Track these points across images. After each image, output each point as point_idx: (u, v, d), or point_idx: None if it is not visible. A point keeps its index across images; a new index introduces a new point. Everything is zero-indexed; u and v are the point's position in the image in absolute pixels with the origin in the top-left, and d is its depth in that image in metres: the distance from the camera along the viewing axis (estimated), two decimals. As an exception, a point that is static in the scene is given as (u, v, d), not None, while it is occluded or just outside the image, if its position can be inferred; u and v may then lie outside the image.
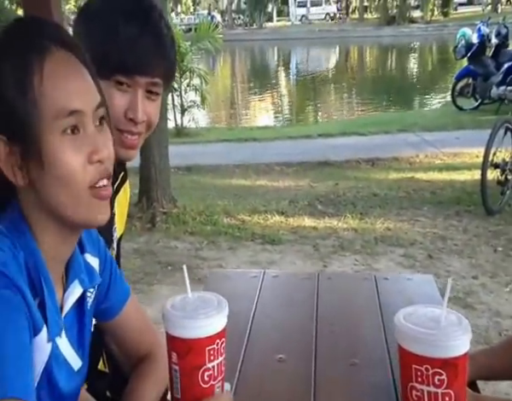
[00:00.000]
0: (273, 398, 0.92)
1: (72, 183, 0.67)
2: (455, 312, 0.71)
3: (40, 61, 0.66)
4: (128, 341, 0.91)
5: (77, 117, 0.67)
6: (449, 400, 0.68)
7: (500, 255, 3.43)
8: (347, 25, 29.57)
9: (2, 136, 0.67)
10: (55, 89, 0.66)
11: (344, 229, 4.03)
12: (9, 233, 0.69)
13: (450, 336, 0.68)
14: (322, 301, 1.18)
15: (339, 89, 13.15)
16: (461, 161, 5.59)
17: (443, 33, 21.60)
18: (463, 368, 0.69)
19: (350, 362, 0.99)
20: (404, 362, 0.71)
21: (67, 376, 0.75)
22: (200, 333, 0.73)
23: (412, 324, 0.70)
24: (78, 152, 0.67)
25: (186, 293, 0.78)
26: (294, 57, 22.42)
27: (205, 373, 0.74)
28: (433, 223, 4.06)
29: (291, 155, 6.07)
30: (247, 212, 4.42)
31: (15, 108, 0.66)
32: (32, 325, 0.67)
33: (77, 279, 0.77)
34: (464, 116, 7.64)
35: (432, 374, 0.68)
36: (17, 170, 0.68)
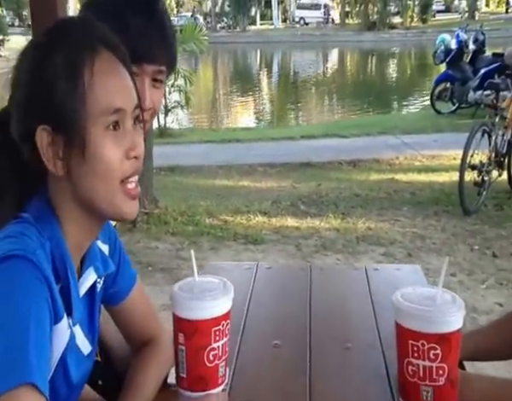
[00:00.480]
0: (270, 380, 0.94)
1: (108, 176, 0.71)
2: (449, 292, 0.75)
3: (91, 60, 0.70)
4: (133, 325, 0.93)
5: (119, 115, 0.71)
6: (443, 373, 0.72)
7: (476, 253, 3.53)
8: (329, 29, 29.89)
9: (46, 126, 0.70)
10: (102, 86, 0.70)
11: (326, 229, 4.09)
12: (36, 222, 0.72)
13: (445, 313, 0.72)
14: (315, 291, 1.22)
15: (321, 92, 13.29)
16: (439, 163, 5.72)
17: (421, 39, 22.02)
18: (456, 343, 0.73)
19: (343, 346, 1.02)
20: (402, 338, 0.74)
21: (77, 361, 0.78)
22: (206, 314, 0.76)
23: (409, 302, 0.74)
24: (118, 147, 0.71)
25: (193, 277, 0.80)
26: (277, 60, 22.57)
27: (210, 353, 0.77)
28: (413, 222, 4.15)
29: (274, 156, 6.11)
30: (229, 213, 4.44)
31: (65, 101, 0.69)
32: (53, 314, 0.69)
33: (92, 266, 0.80)
34: (442, 119, 7.81)
35: (427, 349, 0.72)
36: (57, 160, 0.70)
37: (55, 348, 0.72)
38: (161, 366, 0.91)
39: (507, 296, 2.90)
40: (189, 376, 0.78)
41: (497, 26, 19.31)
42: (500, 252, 3.51)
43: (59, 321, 0.71)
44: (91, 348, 0.81)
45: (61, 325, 0.71)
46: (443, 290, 0.75)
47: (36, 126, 0.70)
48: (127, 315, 0.92)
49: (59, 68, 0.69)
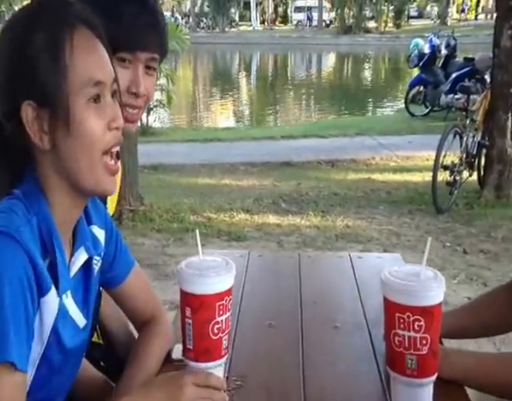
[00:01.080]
0: (266, 357, 1.02)
1: (91, 147, 0.74)
2: (432, 269, 0.84)
3: (70, 35, 0.73)
4: (133, 306, 0.99)
5: (100, 87, 0.75)
6: (426, 343, 0.81)
7: (448, 250, 3.68)
8: (307, 32, 30.18)
9: (31, 101, 0.73)
10: (83, 61, 0.73)
11: (306, 227, 4.19)
12: (25, 198, 0.75)
13: (428, 288, 0.80)
14: (305, 276, 1.30)
15: (299, 93, 13.44)
16: (413, 164, 5.89)
17: (395, 44, 22.45)
18: (438, 315, 0.81)
19: (332, 325, 1.10)
20: (389, 312, 0.82)
21: (72, 332, 0.82)
22: (211, 289, 0.82)
23: (396, 279, 0.82)
24: (100, 119, 0.75)
25: (198, 256, 0.87)
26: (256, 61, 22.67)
27: (214, 326, 0.83)
28: (389, 220, 4.28)
29: (255, 156, 6.19)
30: (212, 210, 4.50)
31: (47, 76, 0.72)
32: (39, 287, 0.72)
33: (83, 246, 0.84)
34: (416, 122, 8.04)
35: (412, 320, 0.80)
36: (43, 133, 0.73)
37: (46, 319, 0.75)
38: (163, 342, 0.97)
39: (476, 290, 3.03)
40: (196, 348, 0.84)
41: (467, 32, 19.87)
42: (470, 249, 3.66)
43: (46, 293, 0.74)
44: (86, 321, 0.85)
45: (48, 297, 0.74)
46: (426, 267, 0.83)
47: (20, 102, 0.72)
48: (127, 297, 0.98)
49: (40, 45, 0.72)
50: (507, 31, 4.30)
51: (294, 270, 1.33)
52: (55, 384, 0.83)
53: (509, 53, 4.31)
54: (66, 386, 0.87)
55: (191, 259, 0.87)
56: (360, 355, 1.01)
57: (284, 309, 1.17)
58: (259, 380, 0.94)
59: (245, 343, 1.03)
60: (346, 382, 0.94)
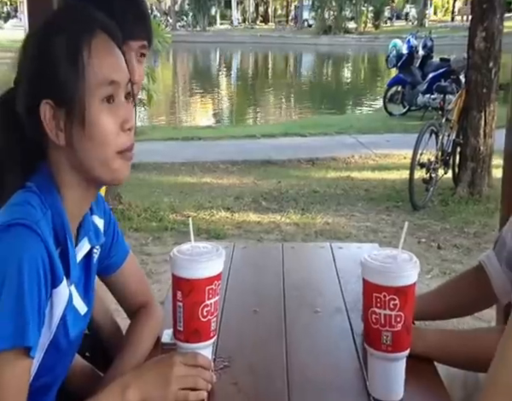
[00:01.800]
0: (251, 340, 1.07)
1: (105, 145, 0.79)
2: (407, 252, 0.90)
3: (88, 40, 0.78)
4: (127, 292, 1.03)
5: (114, 87, 0.79)
6: (400, 321, 0.87)
7: (423, 246, 3.78)
8: (287, 32, 30.31)
9: (49, 100, 0.77)
10: (99, 62, 0.78)
11: (287, 224, 4.25)
12: (39, 191, 0.79)
13: (402, 269, 0.86)
14: (287, 265, 1.35)
15: (280, 92, 13.50)
16: (391, 162, 6.00)
17: (374, 44, 22.72)
18: (412, 295, 0.88)
19: (313, 311, 1.16)
20: (367, 291, 0.88)
21: (74, 320, 0.86)
22: (201, 274, 0.87)
23: (375, 261, 0.88)
24: (114, 119, 0.79)
25: (190, 243, 0.91)
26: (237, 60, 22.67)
27: (204, 309, 0.88)
28: (367, 217, 4.38)
29: (235, 154, 6.22)
30: (192, 209, 4.53)
31: (66, 78, 0.77)
32: (53, 278, 0.76)
33: (86, 236, 0.88)
34: (394, 121, 8.18)
35: (388, 299, 0.86)
36: (59, 131, 0.78)
37: (57, 309, 0.80)
38: (154, 327, 1.02)
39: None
40: (186, 330, 0.89)
41: (444, 33, 20.23)
42: (444, 244, 3.77)
43: (59, 284, 0.78)
44: (87, 309, 0.89)
45: (60, 288, 0.79)
46: (402, 251, 0.89)
47: (40, 101, 0.77)
48: (121, 283, 1.02)
49: (61, 49, 0.77)
50: (481, 33, 4.44)
51: (278, 260, 1.38)
52: (58, 370, 0.87)
53: (483, 54, 4.44)
54: (64, 372, 0.91)
55: (183, 246, 0.91)
56: (339, 336, 1.07)
57: (268, 296, 1.22)
58: (245, 360, 0.99)
59: (231, 328, 1.08)
60: (326, 360, 1.00)
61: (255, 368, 0.96)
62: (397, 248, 0.89)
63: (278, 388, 0.91)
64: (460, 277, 1.23)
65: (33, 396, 0.79)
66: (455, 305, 1.17)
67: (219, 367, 0.95)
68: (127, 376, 0.85)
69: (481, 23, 4.43)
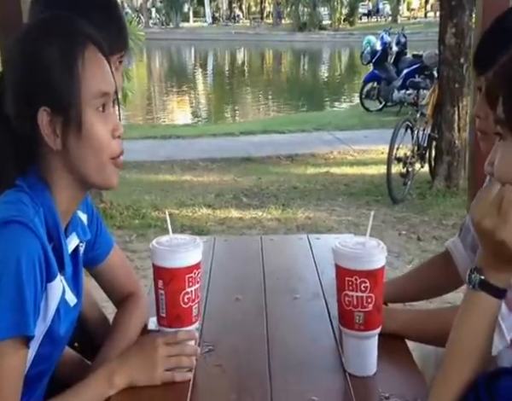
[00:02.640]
0: (234, 325, 1.12)
1: (100, 151, 0.84)
2: (375, 239, 0.97)
3: (82, 52, 0.83)
4: (114, 283, 1.08)
5: (105, 98, 0.85)
6: (371, 301, 0.93)
7: (403, 238, 3.90)
8: (262, 29, 30.34)
9: (46, 107, 0.82)
10: (93, 74, 0.84)
11: (268, 220, 4.32)
12: (30, 190, 0.84)
13: (371, 254, 0.93)
14: (267, 255, 1.42)
15: (257, 89, 13.56)
16: (369, 157, 6.13)
17: (349, 41, 22.94)
18: (381, 277, 0.94)
19: (293, 297, 1.23)
20: (340, 276, 0.95)
21: (65, 312, 0.91)
22: (181, 263, 0.93)
23: (346, 248, 0.95)
24: (106, 127, 0.85)
25: (168, 235, 0.96)
26: (212, 58, 22.62)
27: (185, 296, 0.93)
28: (347, 211, 4.47)
29: (215, 152, 6.27)
30: (174, 206, 4.55)
31: (63, 87, 0.82)
32: (48, 272, 0.81)
33: (75, 232, 0.93)
34: (371, 117, 8.32)
35: (359, 282, 0.92)
36: (55, 136, 0.83)
37: (52, 302, 0.84)
38: (140, 315, 1.07)
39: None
40: (168, 316, 0.94)
41: (417, 29, 20.49)
42: (423, 236, 3.89)
43: (53, 278, 0.83)
44: (76, 300, 0.94)
45: (55, 282, 0.84)
46: (370, 238, 0.96)
47: (37, 108, 0.81)
48: (107, 274, 1.07)
49: (54, 59, 0.82)
50: (451, 29, 4.56)
51: (258, 251, 1.44)
52: (52, 359, 0.92)
53: (454, 50, 4.57)
54: (56, 361, 0.95)
55: (162, 238, 0.97)
56: (317, 318, 1.14)
57: (249, 285, 1.29)
58: (229, 344, 1.04)
59: (215, 315, 1.14)
60: (304, 341, 1.06)
61: (238, 350, 1.02)
62: (365, 236, 0.96)
63: (260, 368, 0.97)
64: (429, 263, 1.31)
65: (28, 383, 0.84)
66: (425, 288, 1.25)
67: (204, 350, 1.01)
68: (113, 362, 0.90)
69: (451, 19, 4.55)
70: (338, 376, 0.95)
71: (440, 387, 0.72)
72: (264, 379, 0.94)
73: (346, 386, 0.93)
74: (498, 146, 0.70)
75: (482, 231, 0.70)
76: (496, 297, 0.72)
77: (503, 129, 0.69)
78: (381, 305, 0.96)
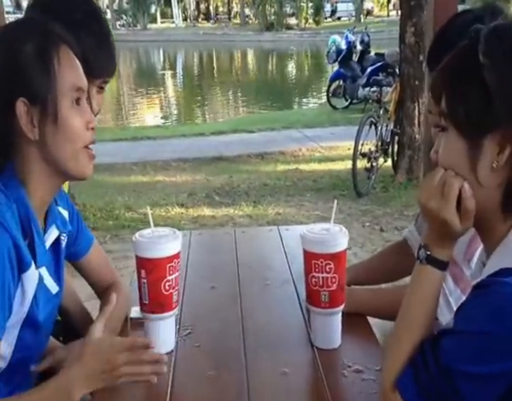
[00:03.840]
0: (210, 311, 1.21)
1: (74, 140, 0.91)
2: (338, 225, 1.07)
3: (57, 51, 0.90)
4: (96, 275, 1.16)
5: (79, 92, 0.92)
6: (335, 281, 1.03)
7: (367, 229, 4.04)
8: (230, 29, 30.36)
9: (24, 98, 0.88)
10: (67, 71, 0.91)
11: (240, 216, 4.40)
12: (5, 187, 0.89)
13: (336, 238, 1.03)
14: (240, 246, 1.51)
15: (225, 90, 13.61)
16: (336, 153, 6.27)
17: (316, 40, 23.20)
18: (344, 259, 1.05)
19: (264, 283, 1.32)
20: (307, 260, 1.04)
21: (46, 299, 0.97)
22: (162, 253, 1.01)
23: (312, 233, 1.04)
24: (80, 118, 0.92)
25: (150, 228, 1.04)
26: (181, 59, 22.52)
27: (166, 283, 1.01)
28: (316, 206, 4.58)
29: (186, 152, 6.31)
30: (148, 206, 4.58)
31: (39, 81, 0.88)
32: (20, 264, 0.86)
33: (54, 224, 1.00)
34: (337, 114, 8.50)
35: (324, 264, 1.02)
36: (32, 126, 0.89)
37: (28, 290, 0.89)
38: (123, 303, 1.14)
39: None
40: (151, 302, 1.02)
41: (380, 28, 20.89)
42: (386, 227, 4.04)
43: (27, 268, 0.88)
44: (58, 288, 1.00)
45: (29, 272, 0.89)
46: (334, 224, 1.06)
47: (15, 99, 0.87)
48: (90, 268, 1.15)
49: (31, 55, 0.88)
50: (410, 28, 4.74)
51: (231, 243, 1.53)
52: (37, 343, 0.97)
53: (414, 48, 4.75)
54: (43, 346, 1.01)
55: (144, 231, 1.04)
56: (287, 301, 1.24)
57: (224, 273, 1.37)
58: (205, 327, 1.13)
59: (192, 301, 1.22)
60: (276, 321, 1.16)
61: (215, 332, 1.11)
62: (329, 223, 1.06)
63: (235, 346, 1.06)
64: (388, 249, 1.42)
65: (13, 369, 0.90)
66: (384, 272, 1.37)
67: (183, 334, 1.09)
68: (71, 373, 0.85)
69: (410, 19, 4.73)
70: (306, 350, 1.05)
71: (393, 351, 0.82)
72: (239, 355, 1.03)
73: (313, 358, 1.03)
74: (442, 136, 0.80)
75: (428, 211, 0.80)
76: (440, 269, 0.82)
77: (446, 121, 0.78)
78: (344, 284, 1.06)
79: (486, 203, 0.77)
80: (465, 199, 0.76)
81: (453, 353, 0.72)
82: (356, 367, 0.99)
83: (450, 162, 0.78)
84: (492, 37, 0.75)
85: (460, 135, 0.77)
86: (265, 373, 0.98)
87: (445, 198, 0.77)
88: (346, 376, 0.97)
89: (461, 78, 0.77)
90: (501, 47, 0.74)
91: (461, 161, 0.77)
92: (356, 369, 0.98)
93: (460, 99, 0.77)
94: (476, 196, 0.76)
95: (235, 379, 0.96)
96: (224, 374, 0.98)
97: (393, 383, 0.78)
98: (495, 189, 0.76)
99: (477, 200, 0.76)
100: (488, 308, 0.70)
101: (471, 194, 0.76)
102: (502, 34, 0.76)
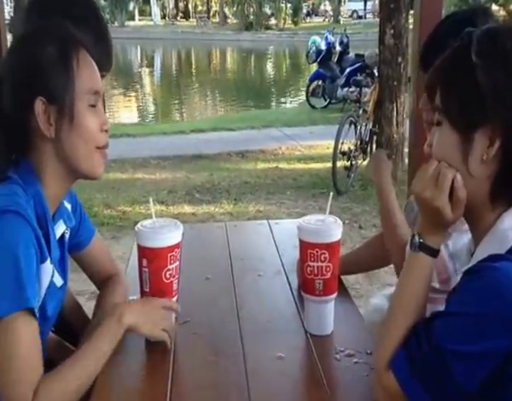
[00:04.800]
0: (206, 301, 1.24)
1: (89, 141, 0.95)
2: (333, 216, 1.11)
3: (76, 54, 0.94)
4: (97, 266, 1.18)
5: (96, 95, 0.96)
6: (329, 270, 1.07)
7: (347, 227, 4.11)
8: (209, 28, 30.26)
9: (42, 97, 0.91)
10: (85, 74, 0.95)
11: (221, 214, 4.42)
12: (23, 182, 0.92)
13: (331, 229, 1.07)
14: (232, 239, 1.54)
15: (206, 88, 13.59)
16: (315, 152, 6.36)
17: (294, 40, 23.36)
18: (338, 249, 1.09)
19: (257, 274, 1.36)
20: (303, 249, 1.08)
21: (53, 292, 0.99)
22: (163, 243, 1.03)
23: (308, 224, 1.08)
24: (96, 120, 0.96)
25: (152, 218, 1.06)
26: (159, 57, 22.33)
27: (167, 272, 1.04)
28: (296, 204, 4.65)
29: (166, 150, 6.29)
30: (127, 204, 4.56)
31: (60, 82, 0.92)
32: (40, 255, 0.90)
33: (61, 219, 1.03)
34: (316, 114, 8.61)
35: (320, 254, 1.06)
36: (49, 124, 0.92)
37: (44, 282, 0.93)
38: (122, 292, 1.18)
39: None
40: (151, 290, 1.05)
41: (357, 29, 21.18)
42: (365, 225, 4.13)
43: (45, 260, 0.92)
44: (63, 282, 1.03)
45: (46, 264, 0.93)
46: (328, 215, 1.11)
47: (34, 97, 0.91)
48: (91, 259, 1.17)
49: (52, 57, 0.92)
50: (389, 30, 4.85)
51: (223, 236, 1.56)
52: (43, 336, 0.99)
53: (392, 50, 4.86)
54: (46, 339, 1.04)
55: (146, 221, 1.07)
56: (280, 291, 1.28)
57: (217, 265, 1.40)
58: (202, 315, 1.16)
59: (188, 292, 1.24)
60: (270, 310, 1.20)
61: (211, 320, 1.14)
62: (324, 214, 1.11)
63: (232, 333, 1.09)
64: (375, 238, 1.48)
65: None
66: (373, 260, 1.42)
67: (180, 322, 1.11)
68: (121, 305, 0.99)
69: (389, 22, 4.84)
70: (300, 336, 1.09)
71: (387, 333, 0.87)
72: (236, 342, 1.06)
73: (307, 343, 1.07)
74: (435, 130, 0.86)
75: (422, 201, 0.85)
76: (431, 256, 0.87)
77: (440, 115, 0.84)
78: (337, 273, 1.10)
79: (476, 193, 0.82)
80: (457, 189, 0.81)
81: (444, 333, 0.77)
82: (348, 351, 1.03)
83: (443, 154, 0.83)
84: (485, 39, 0.81)
85: (453, 129, 0.82)
86: (262, 357, 1.02)
87: (439, 188, 0.82)
88: (338, 360, 1.01)
89: (454, 76, 0.82)
90: (492, 48, 0.80)
91: (453, 153, 0.82)
92: (348, 353, 1.03)
93: (454, 96, 0.82)
94: (467, 186, 0.82)
95: (233, 363, 0.99)
96: (223, 359, 1.01)
97: (387, 363, 0.83)
98: (484, 180, 0.81)
99: (468, 190, 0.82)
100: (479, 291, 0.75)
101: (463, 185, 0.81)
102: (493, 36, 0.81)
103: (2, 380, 0.83)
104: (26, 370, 0.83)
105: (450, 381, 0.76)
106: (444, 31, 1.11)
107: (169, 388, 0.92)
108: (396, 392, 0.81)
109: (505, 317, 0.73)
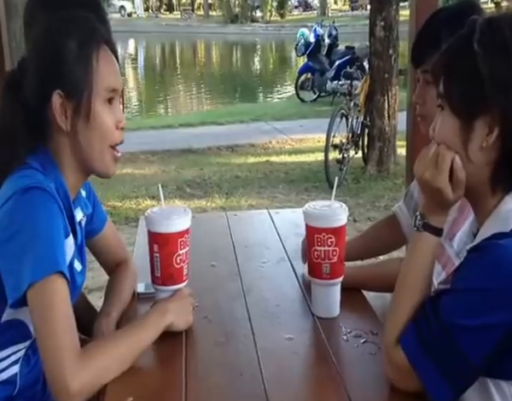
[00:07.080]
0: (213, 287, 1.26)
1: (103, 138, 0.96)
2: (338, 202, 1.14)
3: (97, 50, 0.95)
4: (108, 252, 1.20)
5: (113, 93, 0.97)
6: (336, 254, 1.10)
7: (341, 220, 4.19)
8: (193, 20, 30.05)
9: (60, 91, 0.93)
10: (105, 70, 0.95)
11: (213, 208, 4.42)
12: (42, 168, 0.94)
13: (337, 213, 1.10)
14: (234, 228, 1.56)
15: (193, 82, 13.51)
16: (306, 146, 6.38)
17: (281, 33, 23.29)
18: (344, 233, 1.11)
19: (261, 262, 1.38)
20: (310, 234, 1.11)
21: (73, 275, 1.01)
22: (174, 229, 1.05)
23: (315, 209, 1.11)
24: (111, 117, 0.97)
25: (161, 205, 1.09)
26: (143, 50, 22.14)
27: (177, 257, 1.06)
28: (288, 198, 4.66)
29: (155, 144, 6.26)
30: (117, 199, 4.55)
31: (78, 77, 0.93)
32: (64, 230, 0.92)
33: (79, 206, 1.05)
34: (306, 107, 8.61)
35: (326, 238, 1.09)
36: (65, 118, 0.94)
37: (67, 256, 0.95)
38: (132, 278, 1.20)
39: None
40: (163, 275, 1.06)
41: (345, 22, 21.18)
42: (358, 218, 4.16)
43: (68, 236, 0.95)
44: (82, 266, 1.06)
45: (69, 240, 0.96)
46: (334, 201, 1.13)
47: (53, 90, 0.93)
48: (103, 245, 1.19)
49: (73, 52, 0.93)
50: (380, 22, 4.88)
51: (225, 225, 1.59)
52: None
53: (383, 42, 4.88)
54: None
55: (155, 208, 1.09)
56: (285, 277, 1.30)
57: (221, 253, 1.42)
58: (211, 300, 1.18)
59: (195, 278, 1.24)
60: (276, 294, 1.22)
61: (220, 304, 1.17)
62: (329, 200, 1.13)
63: (240, 316, 1.12)
64: (378, 224, 1.51)
65: None
66: (374, 246, 1.45)
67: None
68: (162, 304, 1.02)
69: (380, 13, 4.87)
70: (307, 319, 1.12)
71: (395, 311, 0.89)
72: (245, 324, 1.09)
73: (315, 326, 1.09)
74: (439, 115, 0.89)
75: (423, 182, 0.88)
76: (436, 235, 0.90)
77: (442, 101, 0.87)
78: (344, 256, 1.13)
79: (477, 178, 0.85)
80: (456, 170, 0.85)
81: (452, 309, 0.80)
82: (355, 332, 1.06)
83: (443, 138, 0.86)
84: (486, 29, 0.84)
85: (454, 115, 0.85)
86: (272, 338, 1.04)
87: (439, 169, 0.85)
88: (346, 340, 1.04)
89: (457, 63, 0.85)
90: (493, 38, 0.83)
91: (454, 139, 0.85)
92: (355, 334, 1.06)
93: (455, 83, 0.85)
94: (467, 171, 0.85)
95: (244, 344, 1.02)
96: (234, 341, 1.03)
97: (396, 340, 0.86)
98: (484, 166, 0.84)
99: (468, 174, 0.85)
100: (484, 266, 0.79)
101: (461, 166, 0.84)
102: (495, 26, 0.84)
103: (42, 344, 0.84)
104: (65, 334, 0.85)
105: (458, 356, 0.79)
106: (435, 25, 1.14)
107: (183, 366, 0.95)
108: (405, 367, 0.84)
109: (510, 292, 0.76)
